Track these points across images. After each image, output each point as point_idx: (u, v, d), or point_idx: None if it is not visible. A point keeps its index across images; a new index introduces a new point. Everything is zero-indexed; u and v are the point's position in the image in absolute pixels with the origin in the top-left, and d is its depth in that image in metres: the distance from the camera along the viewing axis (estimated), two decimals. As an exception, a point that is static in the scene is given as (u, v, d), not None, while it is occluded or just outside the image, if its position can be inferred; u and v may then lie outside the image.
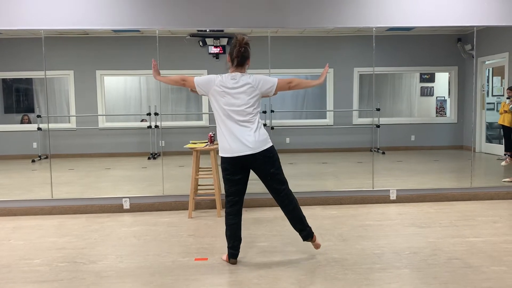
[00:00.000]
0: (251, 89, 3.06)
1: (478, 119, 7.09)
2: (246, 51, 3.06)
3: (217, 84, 3.06)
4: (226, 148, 3.06)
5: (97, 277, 3.05)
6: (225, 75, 3.10)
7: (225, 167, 3.12)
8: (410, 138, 8.02)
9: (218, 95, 3.06)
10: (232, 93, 3.04)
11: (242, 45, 3.04)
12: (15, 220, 4.60)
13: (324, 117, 8.53)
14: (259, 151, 3.04)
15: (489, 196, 5.16)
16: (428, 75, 8.87)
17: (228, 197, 3.19)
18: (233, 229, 3.20)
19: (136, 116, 8.99)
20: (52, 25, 4.75)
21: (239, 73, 3.08)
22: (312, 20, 4.96)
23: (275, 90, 3.12)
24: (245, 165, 3.09)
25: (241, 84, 3.05)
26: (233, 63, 3.08)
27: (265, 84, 3.10)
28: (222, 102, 3.05)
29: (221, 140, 3.11)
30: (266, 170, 3.10)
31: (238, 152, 3.03)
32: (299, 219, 3.21)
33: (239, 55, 3.05)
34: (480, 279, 2.92)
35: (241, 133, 3.03)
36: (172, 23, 4.88)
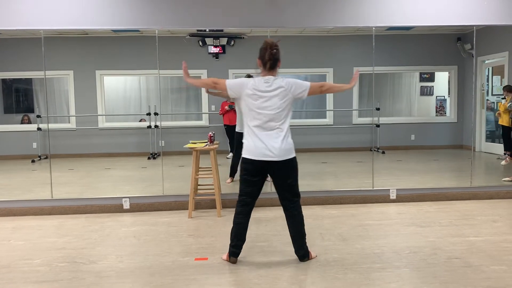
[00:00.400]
0: (284, 92, 3.06)
1: (478, 118, 7.09)
2: (277, 53, 3.06)
3: (250, 87, 3.06)
4: (252, 150, 3.06)
5: (97, 277, 3.05)
6: (257, 79, 3.09)
7: (245, 168, 3.12)
8: (410, 137, 8.02)
9: (250, 98, 3.06)
10: (265, 96, 3.04)
11: (273, 47, 3.04)
12: (15, 220, 4.60)
13: (324, 117, 8.53)
14: (283, 159, 3.05)
15: (489, 195, 5.17)
16: (428, 75, 8.87)
17: (241, 196, 3.19)
18: (240, 228, 3.20)
19: (136, 116, 8.99)
20: (52, 25, 4.75)
21: (272, 76, 3.08)
22: (311, 19, 4.96)
23: (307, 94, 3.13)
24: (265, 169, 3.10)
25: (274, 88, 3.05)
26: (266, 67, 3.07)
27: (298, 88, 3.10)
28: (254, 106, 3.05)
29: (248, 141, 3.10)
30: (284, 179, 3.13)
31: (262, 157, 3.03)
32: (301, 235, 3.23)
33: (271, 57, 3.03)
34: (480, 278, 2.92)
35: (269, 138, 3.04)
36: (172, 23, 4.88)
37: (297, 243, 3.23)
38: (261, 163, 3.05)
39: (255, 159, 3.05)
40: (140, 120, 8.49)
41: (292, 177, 3.15)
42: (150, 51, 5.54)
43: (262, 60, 3.06)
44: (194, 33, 7.72)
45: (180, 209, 4.87)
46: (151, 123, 7.81)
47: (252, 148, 3.06)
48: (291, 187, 3.17)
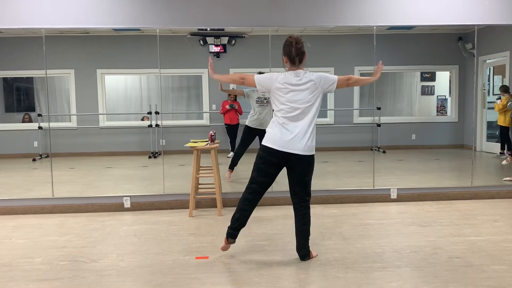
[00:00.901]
0: (314, 86, 3.06)
1: (479, 118, 7.08)
2: (302, 46, 3.07)
3: (280, 81, 3.06)
4: (277, 140, 3.04)
5: (98, 275, 3.05)
6: (288, 73, 3.09)
7: (264, 156, 3.09)
8: (410, 137, 8.02)
9: (280, 91, 3.06)
10: (296, 90, 3.04)
11: (299, 43, 3.05)
12: (16, 218, 4.61)
13: (325, 116, 8.52)
14: (305, 154, 3.05)
15: (490, 195, 5.16)
16: (429, 74, 8.86)
17: (252, 184, 3.16)
18: (244, 215, 3.19)
19: (137, 115, 8.99)
20: (53, 24, 4.76)
21: (301, 70, 3.09)
22: (312, 19, 4.96)
23: (335, 87, 3.14)
24: (284, 162, 3.08)
25: (305, 81, 3.05)
26: (295, 62, 3.07)
27: (327, 81, 3.11)
28: (285, 99, 3.05)
29: (274, 130, 3.07)
30: (301, 176, 3.12)
31: (287, 149, 3.02)
32: (305, 235, 3.22)
33: (298, 52, 3.05)
34: (481, 278, 2.92)
35: (297, 131, 3.03)
36: (173, 22, 4.88)
37: (299, 242, 3.23)
38: (283, 154, 3.03)
39: (278, 149, 3.03)
40: (142, 119, 8.49)
41: (309, 175, 3.15)
42: (151, 50, 5.54)
43: (289, 57, 3.07)
44: (195, 32, 7.71)
45: (180, 208, 4.87)
46: (152, 122, 7.82)
47: (277, 138, 3.04)
48: (306, 184, 3.15)
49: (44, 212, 4.80)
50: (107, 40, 7.90)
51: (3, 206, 4.78)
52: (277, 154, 3.04)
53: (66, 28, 5.08)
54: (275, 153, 3.04)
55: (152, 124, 7.82)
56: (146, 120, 8.26)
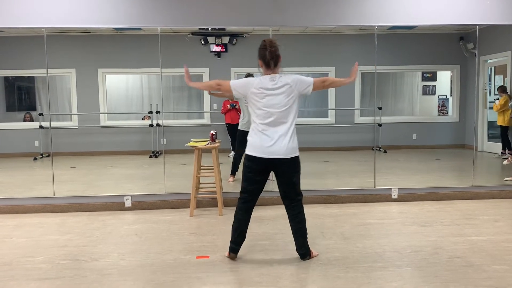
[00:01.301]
0: (290, 89, 3.07)
1: (480, 118, 7.07)
2: (276, 50, 3.08)
3: (256, 86, 3.07)
4: (257, 147, 3.06)
5: (99, 274, 3.06)
6: (263, 77, 3.11)
7: (249, 165, 3.12)
8: (411, 136, 8.01)
9: (256, 96, 3.07)
10: (271, 94, 3.05)
11: (273, 46, 3.07)
12: (17, 217, 4.61)
13: (326, 116, 8.52)
14: (289, 157, 3.06)
15: (491, 195, 5.16)
16: (430, 74, 8.85)
17: (243, 193, 3.20)
18: (241, 225, 3.21)
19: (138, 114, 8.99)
20: (54, 23, 4.76)
21: (277, 74, 3.10)
22: (313, 18, 4.95)
23: (311, 90, 3.13)
24: (269, 167, 3.11)
25: (280, 85, 3.06)
26: (270, 66, 3.08)
27: (303, 84, 3.11)
28: (261, 104, 3.06)
29: (253, 138, 3.09)
30: (290, 178, 3.14)
31: (268, 154, 3.04)
32: (302, 234, 3.23)
33: (273, 56, 3.06)
34: (481, 278, 2.92)
35: (276, 136, 3.04)
36: (174, 22, 4.88)
37: (298, 242, 3.23)
38: (266, 160, 3.05)
39: (260, 157, 3.05)
40: (143, 118, 8.50)
41: (296, 175, 3.17)
42: (152, 50, 5.54)
43: (264, 60, 3.08)
44: (196, 32, 7.72)
45: (181, 208, 4.87)
46: (153, 121, 7.82)
47: (257, 145, 3.06)
48: (295, 185, 3.18)
49: (45, 211, 4.81)
50: (108, 39, 7.90)
51: (4, 205, 4.78)
52: (260, 161, 3.06)
53: (67, 27, 5.08)
54: (259, 161, 3.06)
55: (153, 124, 7.82)
56: (147, 119, 8.27)
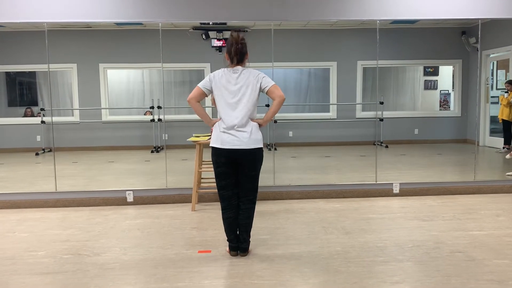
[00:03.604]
0: (251, 83, 3.09)
1: (482, 112, 7.06)
2: (243, 47, 3.11)
3: (219, 78, 3.10)
4: (220, 139, 3.09)
5: (101, 269, 3.07)
6: (226, 69, 3.13)
7: (214, 160, 3.16)
8: (413, 131, 8.00)
9: (218, 89, 3.10)
10: (233, 83, 3.08)
11: (239, 42, 3.09)
12: (20, 212, 4.63)
13: (327, 111, 8.51)
14: (252, 147, 3.07)
15: (493, 189, 5.16)
16: (432, 69, 8.83)
17: (220, 191, 3.21)
18: (230, 223, 3.22)
19: (139, 109, 9.00)
20: (55, 18, 4.75)
21: (240, 67, 3.12)
22: (315, 12, 4.94)
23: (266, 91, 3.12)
24: (233, 159, 3.11)
25: (242, 78, 3.09)
26: (233, 62, 3.12)
27: (264, 82, 3.12)
28: (224, 96, 3.09)
29: (216, 131, 3.14)
30: (249, 169, 3.14)
31: (231, 145, 3.06)
32: (246, 228, 3.23)
33: (237, 52, 3.09)
34: (483, 272, 2.92)
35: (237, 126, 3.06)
36: (175, 16, 4.87)
37: (243, 235, 3.23)
38: (231, 151, 3.06)
39: (224, 148, 3.07)
40: (145, 113, 8.50)
41: (257, 169, 3.17)
42: (153, 45, 5.54)
43: (229, 55, 3.12)
44: (197, 27, 7.70)
45: (183, 202, 4.88)
46: (154, 116, 7.83)
47: (220, 138, 3.09)
48: (254, 177, 3.17)
49: (47, 206, 4.82)
50: (109, 34, 7.90)
51: (6, 200, 4.80)
52: (225, 152, 3.08)
53: (68, 22, 5.08)
54: (223, 152, 3.08)
55: (154, 119, 7.83)
56: (148, 114, 8.27)
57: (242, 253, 3.25)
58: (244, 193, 3.20)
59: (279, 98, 3.08)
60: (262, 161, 3.20)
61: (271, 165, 5.24)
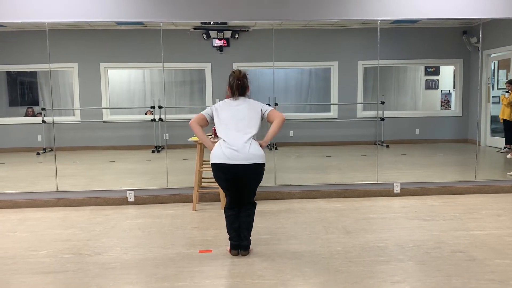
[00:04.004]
0: (252, 106, 3.23)
1: (483, 112, 7.05)
2: (244, 83, 3.25)
3: (220, 105, 3.26)
4: (220, 155, 3.12)
5: (102, 268, 3.07)
6: (228, 100, 3.28)
7: (216, 176, 3.21)
8: (414, 131, 8.00)
9: (220, 111, 3.23)
10: (235, 107, 3.21)
11: (240, 79, 3.22)
12: (21, 212, 4.63)
13: (328, 110, 8.51)
14: (253, 163, 3.10)
15: (494, 189, 5.15)
16: (433, 68, 8.82)
17: (226, 195, 3.31)
18: (230, 220, 3.26)
19: (140, 109, 9.00)
20: (56, 17, 4.75)
21: (241, 97, 3.26)
22: (316, 12, 4.93)
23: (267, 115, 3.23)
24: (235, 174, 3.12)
25: (242, 102, 3.23)
26: (234, 95, 3.25)
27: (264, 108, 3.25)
28: (224, 116, 3.20)
29: (216, 148, 3.18)
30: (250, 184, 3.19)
31: (232, 160, 3.08)
32: (247, 226, 3.27)
33: (239, 87, 3.23)
34: (484, 271, 2.92)
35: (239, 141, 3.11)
36: (176, 16, 4.87)
37: (244, 233, 3.26)
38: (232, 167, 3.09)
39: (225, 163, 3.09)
40: (146, 113, 8.51)
41: (257, 182, 3.23)
42: (154, 44, 5.54)
43: (231, 89, 3.25)
44: (198, 26, 7.70)
45: (184, 202, 4.88)
46: (155, 116, 7.83)
47: (221, 154, 3.12)
48: (254, 189, 3.25)
49: (48, 206, 4.83)
50: (110, 34, 7.90)
51: (7, 200, 4.80)
52: (225, 168, 3.10)
53: (69, 22, 5.07)
54: (224, 168, 3.11)
55: (155, 118, 7.83)
56: (149, 114, 8.28)
57: (243, 252, 3.26)
58: (245, 200, 3.26)
59: (279, 117, 3.21)
60: (263, 176, 3.24)
61: (272, 165, 5.25)
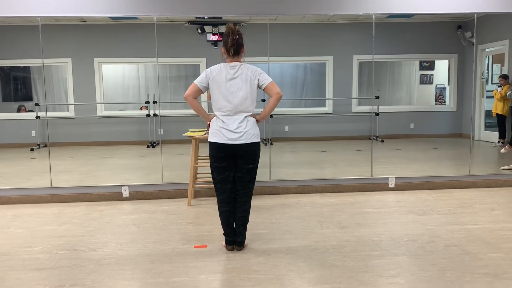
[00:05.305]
0: (249, 79, 3.09)
1: (477, 107, 7.08)
2: (240, 38, 3.10)
3: (216, 73, 3.09)
4: (218, 134, 3.09)
5: (97, 264, 3.06)
6: (223, 64, 3.12)
7: (212, 154, 3.15)
8: (409, 126, 8.02)
9: (216, 84, 3.09)
10: (230, 82, 3.07)
11: (235, 34, 3.07)
12: (15, 208, 4.61)
13: (323, 105, 8.52)
14: (249, 142, 3.08)
15: (488, 183, 5.18)
16: (428, 63, 8.84)
17: (216, 184, 3.22)
18: (224, 216, 3.24)
19: (135, 104, 8.97)
20: (49, 12, 4.71)
21: (238, 63, 3.11)
22: (311, 7, 4.92)
23: (264, 88, 3.12)
24: (232, 153, 3.11)
25: (240, 73, 3.09)
26: (230, 53, 3.10)
27: (261, 78, 3.12)
28: (220, 91, 3.08)
29: (214, 126, 3.13)
30: (247, 163, 3.14)
31: (229, 140, 3.06)
32: (243, 221, 3.25)
33: (234, 43, 3.06)
34: (478, 265, 2.94)
35: (236, 122, 3.07)
36: (170, 10, 4.84)
37: (239, 228, 3.25)
38: (228, 146, 3.07)
39: (221, 143, 3.07)
40: (140, 108, 8.48)
41: (255, 162, 3.18)
42: (148, 39, 5.51)
43: (226, 47, 3.11)
44: (193, 21, 7.67)
45: (179, 197, 4.88)
46: (149, 111, 7.80)
47: (218, 132, 3.09)
48: (252, 170, 3.18)
49: (43, 202, 4.81)
50: (104, 28, 7.85)
51: (1, 196, 4.78)
52: (222, 147, 3.08)
53: (62, 17, 5.04)
54: (221, 146, 3.08)
55: (150, 114, 7.80)
56: (144, 109, 8.25)
57: (238, 247, 3.26)
58: (242, 186, 3.20)
59: (276, 95, 3.09)
60: (260, 154, 3.20)
61: (267, 160, 5.24)
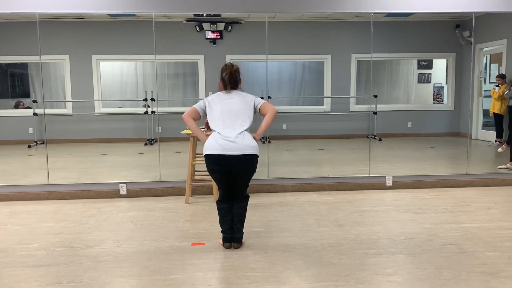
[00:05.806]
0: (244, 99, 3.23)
1: (475, 106, 7.09)
2: (236, 77, 3.24)
3: (212, 98, 3.25)
4: (214, 146, 3.11)
5: (94, 261, 3.06)
6: (220, 93, 3.27)
7: (209, 168, 3.19)
8: (407, 125, 8.03)
9: (213, 104, 3.22)
10: (227, 100, 3.20)
11: (233, 73, 3.21)
12: (12, 205, 4.60)
13: (321, 104, 8.51)
14: (247, 153, 3.10)
15: (485, 182, 5.20)
16: (426, 62, 8.84)
17: (219, 188, 3.29)
18: (223, 213, 3.26)
19: (133, 101, 8.95)
20: (47, 8, 4.69)
21: (234, 91, 3.25)
22: (310, 5, 4.91)
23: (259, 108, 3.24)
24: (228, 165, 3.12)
25: (237, 95, 3.23)
26: (227, 88, 3.25)
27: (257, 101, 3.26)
28: (217, 108, 3.19)
29: (209, 140, 3.17)
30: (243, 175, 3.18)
31: (226, 151, 3.07)
32: (240, 218, 3.27)
33: (231, 81, 3.22)
34: (474, 264, 2.95)
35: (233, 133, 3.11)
36: (169, 8, 4.83)
37: (237, 225, 3.28)
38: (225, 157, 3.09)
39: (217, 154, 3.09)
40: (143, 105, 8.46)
41: (250, 173, 3.22)
42: (146, 36, 5.49)
43: (223, 82, 3.25)
44: (191, 18, 7.65)
45: (177, 195, 4.88)
46: (147, 108, 7.79)
47: (214, 143, 3.11)
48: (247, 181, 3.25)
49: (40, 199, 4.80)
50: (102, 25, 7.82)
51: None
52: (218, 159, 3.10)
53: (60, 13, 5.01)
54: (217, 158, 3.10)
55: (148, 111, 7.79)
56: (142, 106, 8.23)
57: (235, 245, 3.27)
58: (238, 192, 3.25)
59: (272, 110, 3.22)
60: (256, 168, 3.23)
61: (265, 158, 5.25)
